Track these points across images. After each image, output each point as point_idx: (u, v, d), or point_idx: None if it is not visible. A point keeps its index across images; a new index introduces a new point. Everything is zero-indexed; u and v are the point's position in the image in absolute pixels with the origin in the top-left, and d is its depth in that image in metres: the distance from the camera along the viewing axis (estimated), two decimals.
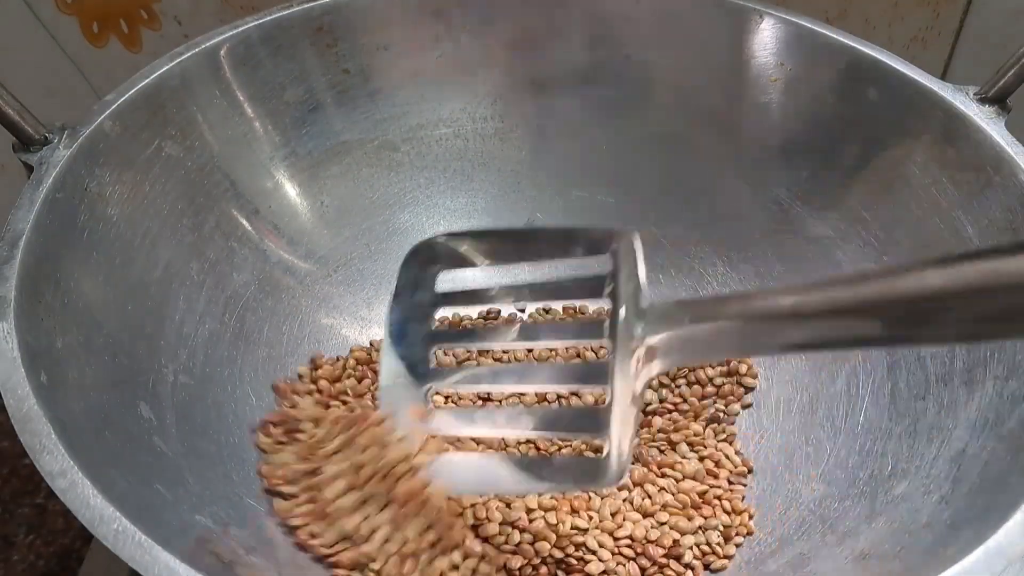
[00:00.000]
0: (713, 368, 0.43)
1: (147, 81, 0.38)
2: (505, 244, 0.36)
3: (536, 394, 0.42)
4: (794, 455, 0.39)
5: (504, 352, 0.43)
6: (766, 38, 0.43)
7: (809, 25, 0.42)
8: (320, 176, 0.45)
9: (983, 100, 0.37)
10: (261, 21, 0.42)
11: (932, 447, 0.34)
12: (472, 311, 0.45)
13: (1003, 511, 0.27)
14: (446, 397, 0.42)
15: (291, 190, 0.45)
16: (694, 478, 0.39)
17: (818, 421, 0.40)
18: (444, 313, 0.40)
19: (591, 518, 0.37)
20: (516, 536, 0.35)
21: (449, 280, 0.35)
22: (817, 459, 0.38)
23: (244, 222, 0.42)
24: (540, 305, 0.46)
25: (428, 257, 0.35)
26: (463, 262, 0.35)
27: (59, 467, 0.26)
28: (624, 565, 0.35)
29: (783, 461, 0.40)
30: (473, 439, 0.37)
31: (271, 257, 0.43)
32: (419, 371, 0.34)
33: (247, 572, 0.29)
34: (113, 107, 0.37)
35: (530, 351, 0.43)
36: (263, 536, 0.34)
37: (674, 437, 0.40)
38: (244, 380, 0.39)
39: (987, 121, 0.37)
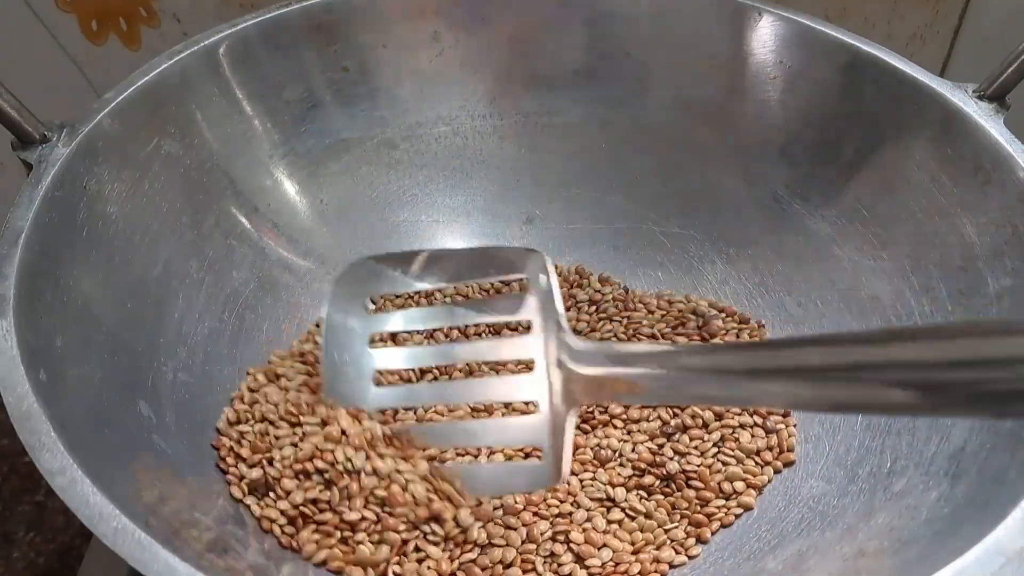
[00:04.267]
0: None
1: (146, 79, 0.38)
2: (429, 264, 0.38)
3: (471, 406, 0.41)
4: (793, 452, 0.39)
5: (437, 369, 0.41)
6: (765, 35, 0.43)
7: (808, 23, 0.42)
8: (319, 174, 0.45)
9: (982, 97, 0.37)
10: (260, 19, 0.42)
11: (931, 444, 0.34)
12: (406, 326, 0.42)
13: (1002, 508, 0.27)
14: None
15: (290, 188, 0.45)
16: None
17: (817, 418, 0.40)
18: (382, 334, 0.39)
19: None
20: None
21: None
22: (816, 456, 0.38)
23: (243, 220, 0.42)
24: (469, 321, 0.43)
25: (358, 278, 0.37)
26: (392, 283, 0.37)
27: (58, 465, 0.26)
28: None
29: None
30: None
31: (270, 255, 0.43)
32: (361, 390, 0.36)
33: (246, 570, 0.29)
34: (112, 105, 0.37)
35: (461, 368, 0.42)
36: (262, 534, 0.34)
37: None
38: (244, 378, 0.39)
39: (986, 118, 0.37)
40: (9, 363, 0.28)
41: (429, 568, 0.34)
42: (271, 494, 0.34)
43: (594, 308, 0.45)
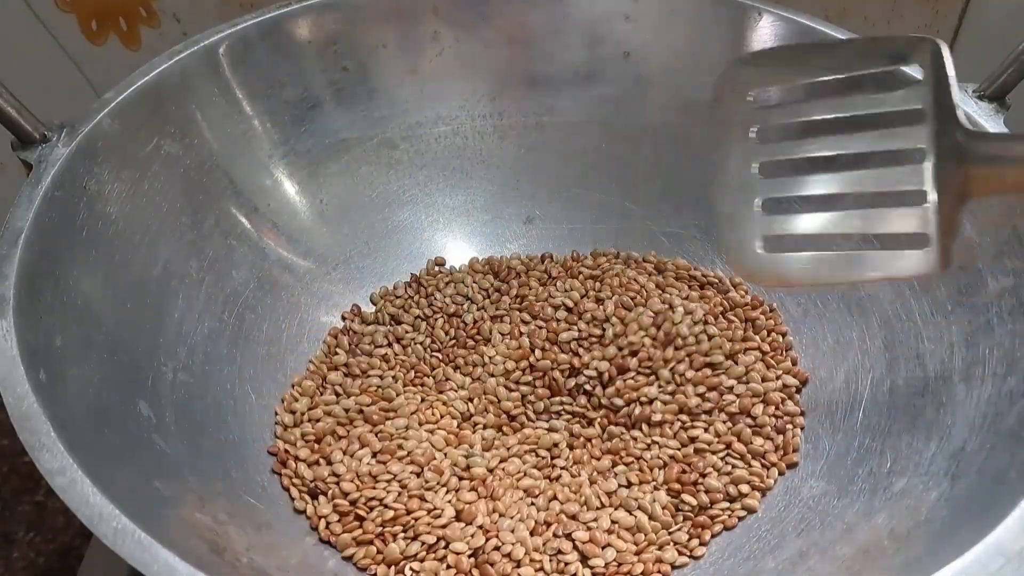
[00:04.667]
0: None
1: (146, 79, 0.38)
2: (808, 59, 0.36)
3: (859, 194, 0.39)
4: (797, 453, 0.39)
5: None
6: (765, 36, 0.43)
7: (808, 23, 0.42)
8: (319, 174, 0.45)
9: (982, 97, 0.37)
10: (260, 19, 0.42)
11: (931, 444, 0.34)
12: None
13: (1002, 508, 0.27)
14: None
15: (290, 188, 0.45)
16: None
17: (817, 418, 0.40)
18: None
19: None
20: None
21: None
22: (816, 456, 0.38)
23: (243, 220, 0.42)
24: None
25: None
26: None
27: (58, 465, 0.26)
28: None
29: None
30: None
31: (270, 255, 0.43)
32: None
33: (246, 570, 0.29)
34: (112, 105, 0.37)
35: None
36: (263, 535, 0.34)
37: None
38: (243, 378, 0.39)
39: (986, 118, 0.37)
40: (9, 363, 0.28)
41: (449, 567, 0.34)
42: (328, 493, 0.37)
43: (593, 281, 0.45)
